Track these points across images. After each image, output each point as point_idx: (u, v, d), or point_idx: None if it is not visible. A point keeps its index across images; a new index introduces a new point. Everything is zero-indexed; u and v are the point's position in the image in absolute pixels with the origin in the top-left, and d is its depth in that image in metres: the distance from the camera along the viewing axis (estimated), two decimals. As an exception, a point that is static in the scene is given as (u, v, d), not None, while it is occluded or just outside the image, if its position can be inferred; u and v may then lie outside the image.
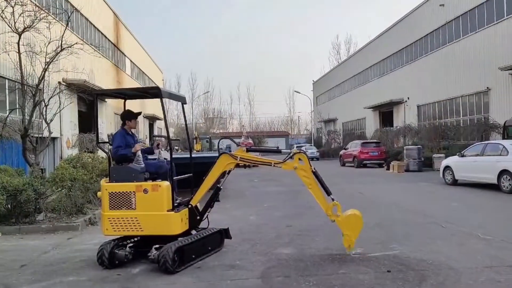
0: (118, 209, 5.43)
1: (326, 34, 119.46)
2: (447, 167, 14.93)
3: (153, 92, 6.04)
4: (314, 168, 5.65)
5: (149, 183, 5.47)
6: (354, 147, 27.92)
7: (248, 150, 6.02)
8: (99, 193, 5.75)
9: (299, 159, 5.67)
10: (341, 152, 30.19)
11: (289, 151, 6.50)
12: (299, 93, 56.32)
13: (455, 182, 14.44)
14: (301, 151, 6.00)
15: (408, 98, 30.22)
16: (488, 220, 8.14)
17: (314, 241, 6.63)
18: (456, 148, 19.41)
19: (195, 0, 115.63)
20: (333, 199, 5.59)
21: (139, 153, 5.60)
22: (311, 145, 46.20)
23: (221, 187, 6.18)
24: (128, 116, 6.05)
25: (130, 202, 5.41)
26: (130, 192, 5.41)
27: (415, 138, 27.22)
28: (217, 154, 6.18)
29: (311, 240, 6.66)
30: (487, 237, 6.56)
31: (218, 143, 9.48)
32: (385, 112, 35.28)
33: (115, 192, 5.45)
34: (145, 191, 5.39)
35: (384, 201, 11.24)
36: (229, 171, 5.95)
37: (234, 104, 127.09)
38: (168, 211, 5.42)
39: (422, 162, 21.51)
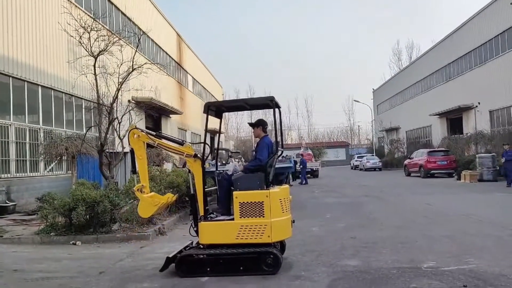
0: None
1: (385, 40, 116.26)
2: (526, 176, 13.81)
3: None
4: None
5: None
6: (419, 156, 26.73)
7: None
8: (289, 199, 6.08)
9: None
10: (406, 162, 29.04)
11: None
12: (359, 102, 55.31)
13: (536, 192, 13.32)
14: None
15: (479, 103, 28.41)
16: None
17: (381, 253, 6.42)
18: (535, 156, 17.82)
19: (250, 15, 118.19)
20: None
21: None
22: (373, 155, 44.82)
23: None
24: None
25: None
26: None
27: (488, 145, 25.44)
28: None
29: (378, 253, 6.47)
30: None
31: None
32: (453, 119, 33.41)
33: None
34: None
35: (455, 212, 10.61)
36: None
37: (292, 115, 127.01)
38: None
39: (497, 171, 20.06)
